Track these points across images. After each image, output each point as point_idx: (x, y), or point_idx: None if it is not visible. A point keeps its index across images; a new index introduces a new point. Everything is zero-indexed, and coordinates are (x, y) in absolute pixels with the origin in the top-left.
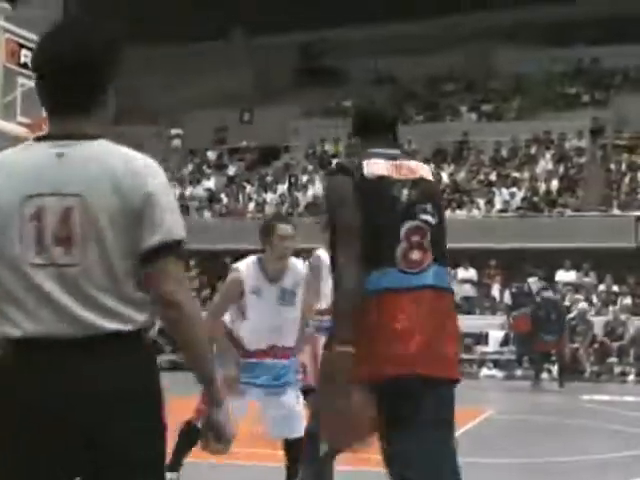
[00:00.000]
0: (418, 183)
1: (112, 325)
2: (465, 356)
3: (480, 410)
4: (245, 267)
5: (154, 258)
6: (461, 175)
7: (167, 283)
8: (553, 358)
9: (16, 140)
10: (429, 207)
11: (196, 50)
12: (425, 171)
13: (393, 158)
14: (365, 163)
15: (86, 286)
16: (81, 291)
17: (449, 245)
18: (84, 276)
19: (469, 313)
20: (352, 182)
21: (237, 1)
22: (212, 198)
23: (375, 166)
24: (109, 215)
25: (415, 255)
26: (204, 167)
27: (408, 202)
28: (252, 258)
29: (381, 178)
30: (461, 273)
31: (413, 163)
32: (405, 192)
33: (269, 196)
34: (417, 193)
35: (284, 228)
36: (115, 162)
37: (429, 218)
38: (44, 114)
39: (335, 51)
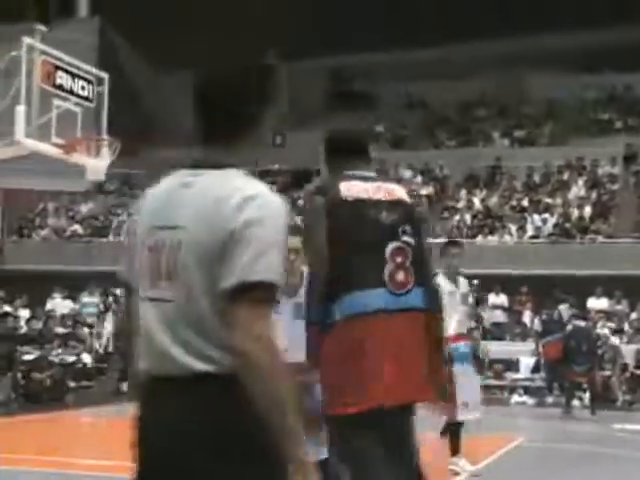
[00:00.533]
0: (397, 205)
1: (200, 366)
2: (495, 382)
3: (511, 437)
4: None
5: (229, 300)
6: (493, 201)
7: (235, 329)
8: (584, 386)
9: (52, 161)
10: (408, 228)
11: None
12: (402, 193)
13: (370, 180)
14: (342, 185)
15: (177, 323)
16: (173, 328)
17: (481, 270)
18: (176, 312)
19: (500, 339)
20: (327, 204)
21: (268, 26)
22: None
23: (354, 187)
24: (200, 249)
25: (400, 276)
26: None
27: (390, 223)
28: None
29: (361, 199)
30: (492, 299)
31: (390, 186)
32: (385, 214)
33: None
34: (396, 214)
35: (289, 241)
36: (219, 193)
37: (409, 239)
38: (78, 135)
39: (366, 76)
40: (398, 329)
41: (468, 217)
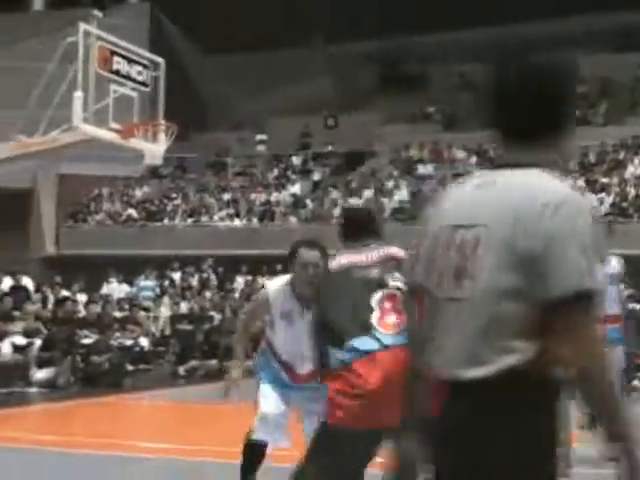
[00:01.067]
0: (388, 260)
1: (475, 371)
2: None
3: None
4: (274, 291)
5: (552, 312)
6: None
7: (563, 344)
8: None
9: (108, 145)
10: (397, 275)
11: (280, 57)
12: (397, 251)
13: (370, 248)
14: (335, 258)
15: (467, 323)
16: (463, 328)
17: None
18: (468, 312)
19: None
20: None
21: (321, 9)
22: (297, 203)
23: (342, 257)
24: (501, 248)
25: (391, 319)
26: (289, 172)
27: (373, 277)
28: (284, 279)
29: (347, 266)
30: None
31: (389, 249)
32: (374, 270)
33: (354, 201)
34: (385, 267)
35: (307, 255)
36: (522, 193)
37: (399, 284)
38: (135, 120)
39: (418, 57)
40: (392, 364)
41: None
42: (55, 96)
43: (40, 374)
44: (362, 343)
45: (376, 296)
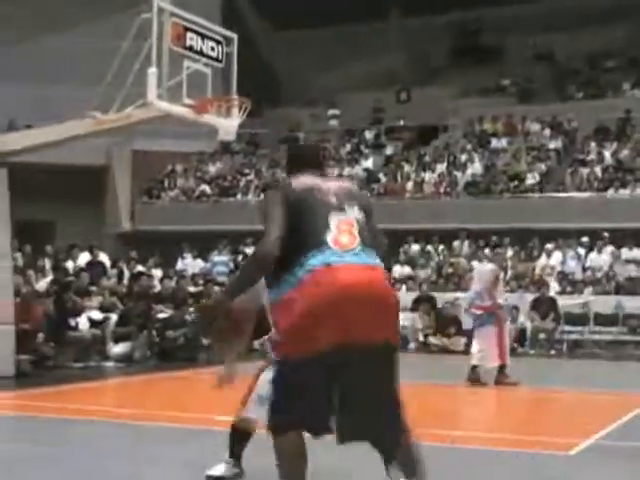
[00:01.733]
0: (344, 190)
1: None
2: (630, 338)
3: None
4: None
5: None
6: (624, 153)
7: None
8: None
9: (182, 121)
10: (354, 205)
11: (353, 31)
12: (349, 184)
13: (325, 178)
14: (293, 180)
15: None
16: None
17: (613, 224)
18: None
19: (634, 294)
20: (281, 194)
21: None
22: (370, 178)
23: (303, 179)
24: None
25: (344, 239)
26: (362, 147)
27: (336, 201)
28: None
29: (310, 187)
30: (625, 253)
31: (341, 182)
32: (333, 196)
33: (427, 175)
34: (343, 196)
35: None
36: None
37: (355, 213)
38: (208, 96)
39: (492, 29)
40: (344, 276)
41: (599, 170)
42: (129, 73)
43: (117, 349)
44: (316, 259)
45: (334, 218)
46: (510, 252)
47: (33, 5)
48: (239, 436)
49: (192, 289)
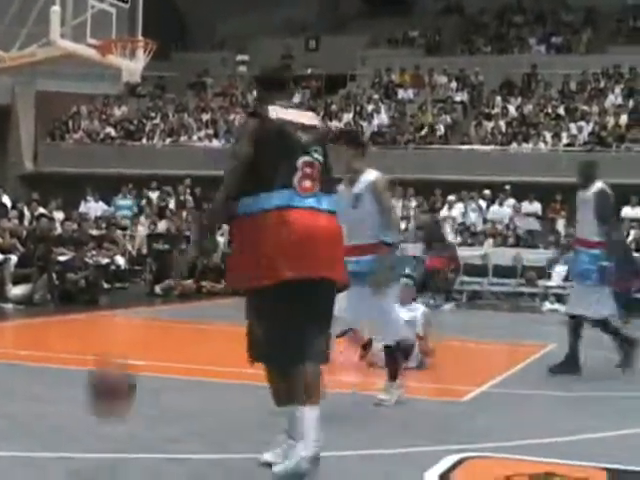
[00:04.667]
0: (311, 129)
1: None
2: (528, 290)
3: (542, 344)
4: None
5: None
6: (529, 108)
7: None
8: None
9: (86, 62)
10: (319, 149)
11: None
12: (317, 121)
13: (292, 108)
14: (271, 109)
15: None
16: None
17: (514, 178)
18: None
19: (533, 247)
20: (257, 123)
21: None
22: None
23: (281, 111)
24: None
25: (307, 183)
26: None
27: (304, 141)
28: None
29: (285, 121)
30: (526, 207)
31: (309, 113)
32: (302, 134)
33: (334, 124)
34: (310, 136)
35: None
36: None
37: (319, 157)
38: (113, 36)
39: None
40: (305, 219)
41: (503, 124)
42: (32, 11)
43: (16, 290)
44: (281, 199)
45: (301, 159)
46: (414, 203)
47: None
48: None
49: (94, 232)
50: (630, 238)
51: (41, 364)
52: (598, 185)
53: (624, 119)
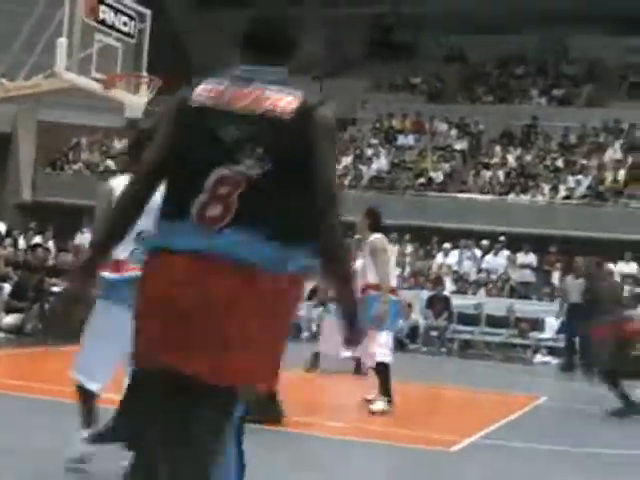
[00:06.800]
0: (256, 119)
1: None
2: (520, 341)
3: (533, 397)
4: None
5: None
6: (527, 159)
7: None
8: None
9: (90, 95)
10: (259, 152)
11: None
12: (282, 106)
13: (247, 83)
14: (199, 87)
15: None
16: None
17: (511, 228)
18: None
19: (526, 298)
20: (175, 107)
21: None
22: None
23: (204, 91)
24: None
25: (214, 211)
26: None
27: (230, 141)
28: None
29: (202, 108)
30: (521, 258)
31: (274, 95)
32: (231, 129)
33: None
34: (248, 132)
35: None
36: None
37: (253, 167)
38: (118, 71)
39: (407, 26)
40: (172, 273)
41: (501, 174)
42: (39, 41)
43: (8, 319)
44: (161, 238)
45: (215, 171)
46: (410, 249)
47: None
48: None
49: None
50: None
51: (27, 394)
52: None
53: (622, 174)
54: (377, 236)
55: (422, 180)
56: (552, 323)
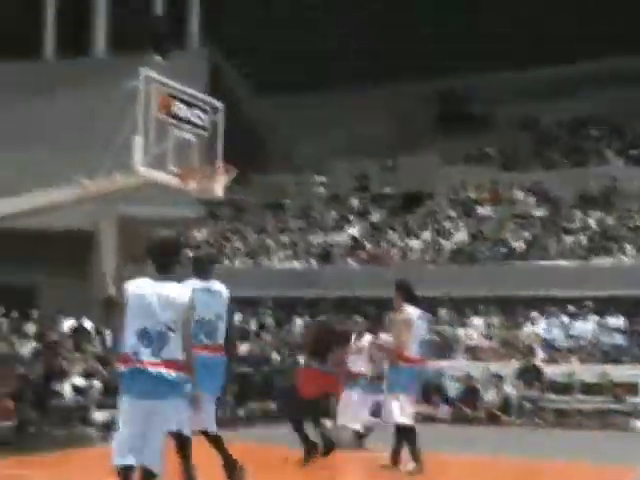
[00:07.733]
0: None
1: None
2: (617, 407)
3: (631, 467)
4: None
5: None
6: (609, 221)
7: None
8: None
9: (167, 190)
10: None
11: (338, 98)
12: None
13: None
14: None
15: None
16: None
17: (596, 292)
18: None
19: (618, 362)
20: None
21: (380, 48)
22: (356, 245)
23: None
24: None
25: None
26: (347, 214)
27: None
28: None
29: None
30: (610, 321)
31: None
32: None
33: (413, 242)
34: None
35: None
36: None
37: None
38: (194, 163)
39: (477, 97)
40: None
41: (583, 238)
42: (116, 140)
43: (99, 416)
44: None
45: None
46: (495, 320)
47: (19, 69)
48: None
49: None
50: None
51: None
52: None
53: None
54: (408, 310)
55: (503, 250)
56: None
